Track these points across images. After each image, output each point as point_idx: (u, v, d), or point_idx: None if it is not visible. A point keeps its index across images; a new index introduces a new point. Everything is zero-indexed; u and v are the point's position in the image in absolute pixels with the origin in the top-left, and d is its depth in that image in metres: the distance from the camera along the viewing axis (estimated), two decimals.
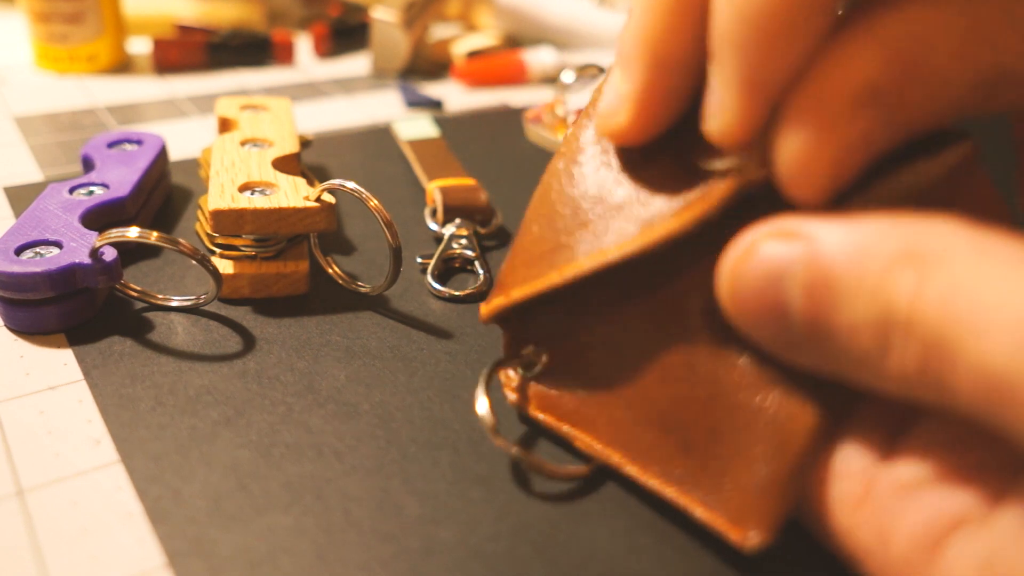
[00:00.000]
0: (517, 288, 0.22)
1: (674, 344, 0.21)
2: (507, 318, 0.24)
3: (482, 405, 0.22)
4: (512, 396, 0.24)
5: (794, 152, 0.17)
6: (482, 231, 0.33)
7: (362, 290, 0.29)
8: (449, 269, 0.32)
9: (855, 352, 0.17)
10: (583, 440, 0.22)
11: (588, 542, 0.20)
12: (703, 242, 0.20)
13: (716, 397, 0.20)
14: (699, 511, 0.20)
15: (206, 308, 0.28)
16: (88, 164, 0.33)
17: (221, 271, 0.27)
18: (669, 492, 0.20)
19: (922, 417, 0.18)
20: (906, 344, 0.16)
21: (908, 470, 0.17)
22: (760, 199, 0.19)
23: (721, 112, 0.18)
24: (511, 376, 0.24)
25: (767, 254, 0.17)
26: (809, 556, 0.20)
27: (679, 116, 0.20)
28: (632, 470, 0.21)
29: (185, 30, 0.54)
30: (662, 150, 0.21)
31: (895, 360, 0.16)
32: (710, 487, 0.19)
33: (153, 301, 0.28)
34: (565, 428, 0.22)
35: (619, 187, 0.21)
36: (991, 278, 0.15)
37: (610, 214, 0.21)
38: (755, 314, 0.18)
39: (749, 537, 0.18)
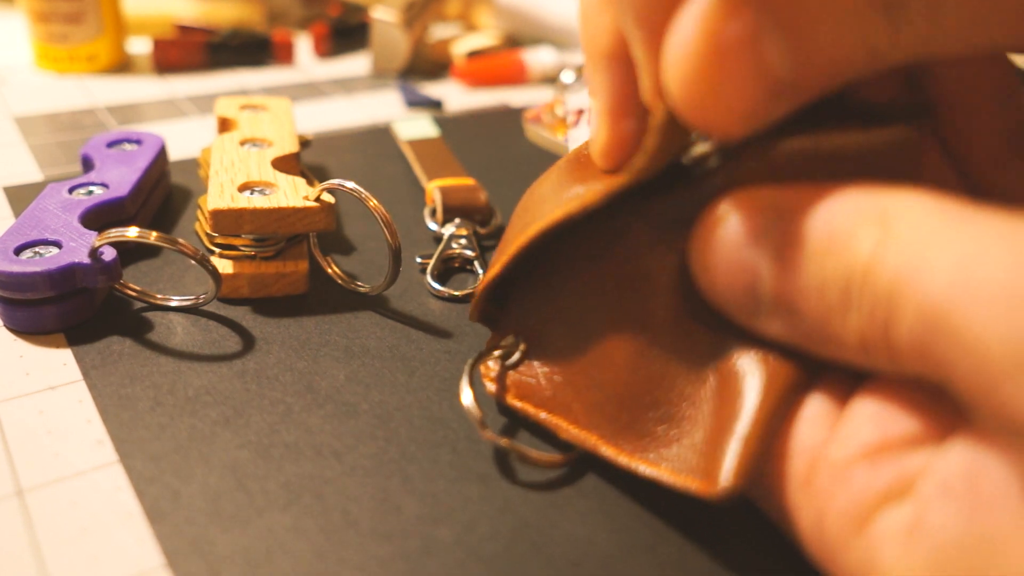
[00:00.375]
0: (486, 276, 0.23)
1: (640, 324, 0.21)
2: (487, 311, 0.24)
3: (467, 397, 0.22)
4: (491, 386, 0.24)
5: (674, 55, 0.16)
6: (481, 231, 0.34)
7: (361, 290, 0.29)
8: (449, 269, 0.32)
9: (821, 314, 0.17)
10: (560, 426, 0.22)
11: (586, 541, 0.20)
12: (663, 219, 0.20)
13: (684, 370, 0.20)
14: (671, 478, 0.19)
15: (205, 308, 0.28)
16: (88, 164, 0.33)
17: (220, 271, 0.27)
18: (641, 467, 0.20)
19: (857, 393, 0.18)
20: (862, 297, 0.16)
21: (839, 450, 0.18)
22: (720, 171, 0.20)
23: (642, 76, 0.18)
24: (490, 367, 0.24)
25: (739, 221, 0.18)
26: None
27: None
28: (607, 451, 0.21)
29: (185, 30, 0.54)
30: None
31: (853, 318, 0.16)
32: (681, 455, 0.20)
33: (152, 301, 0.28)
34: (542, 415, 0.23)
35: (581, 171, 0.22)
36: (944, 231, 0.15)
37: (566, 190, 0.22)
38: (726, 282, 0.18)
39: (719, 483, 0.18)
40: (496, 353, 0.24)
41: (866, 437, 0.17)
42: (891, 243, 0.16)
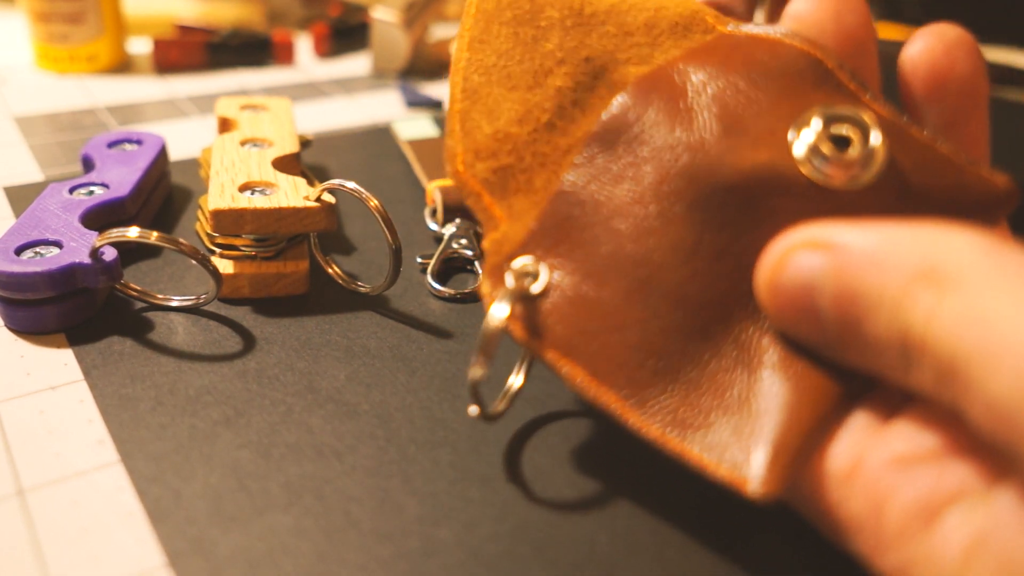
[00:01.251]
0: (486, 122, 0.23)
1: (679, 294, 0.20)
2: (484, 178, 0.22)
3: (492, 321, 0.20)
4: (503, 319, 0.20)
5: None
6: (482, 231, 0.34)
7: (362, 290, 0.29)
8: (449, 269, 0.32)
9: (882, 361, 0.17)
10: (576, 377, 0.20)
11: (587, 542, 0.20)
12: (717, 193, 0.20)
13: (720, 354, 0.20)
14: (699, 459, 0.19)
15: (206, 308, 0.28)
16: (88, 164, 0.33)
17: (221, 271, 0.27)
18: (669, 442, 0.19)
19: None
20: (922, 363, 0.16)
21: (905, 444, 0.18)
22: (792, 192, 0.20)
23: None
24: (502, 294, 0.20)
25: (798, 265, 0.18)
26: (810, 560, 0.20)
27: None
28: (631, 419, 0.20)
29: (185, 30, 0.54)
30: None
31: (915, 375, 0.17)
32: (712, 443, 0.19)
33: (153, 301, 0.28)
34: (559, 362, 0.20)
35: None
36: (1003, 305, 0.15)
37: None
38: (792, 318, 0.19)
39: (753, 486, 0.18)
40: (512, 280, 0.21)
41: (937, 435, 0.17)
42: (945, 310, 0.16)
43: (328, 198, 0.28)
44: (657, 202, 0.21)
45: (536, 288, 0.21)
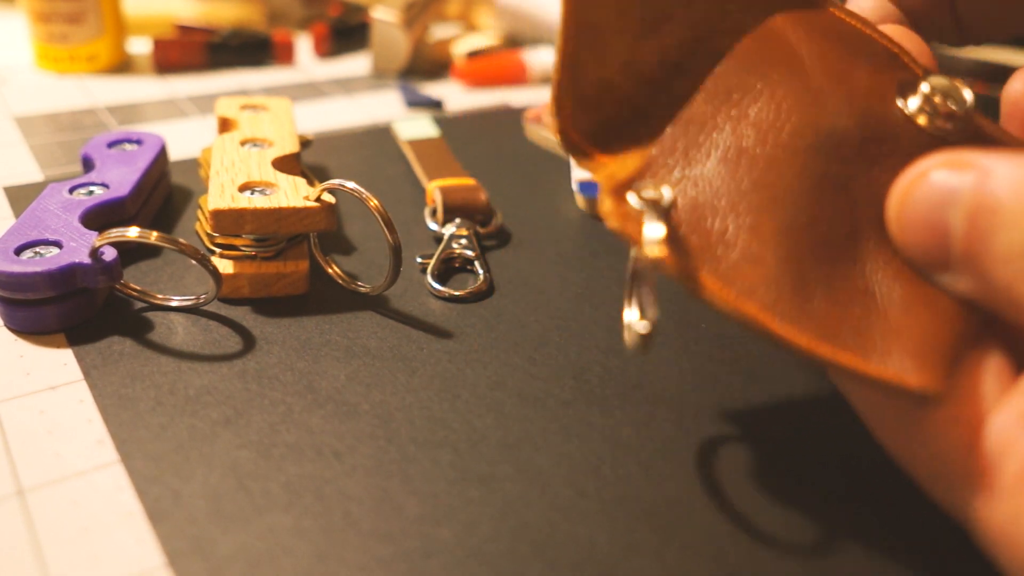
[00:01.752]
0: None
1: (833, 226, 0.21)
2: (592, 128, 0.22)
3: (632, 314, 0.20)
4: (627, 230, 0.19)
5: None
6: (482, 231, 0.34)
7: (362, 290, 0.29)
8: (449, 269, 0.32)
9: (1006, 281, 0.18)
10: (708, 289, 0.19)
11: (587, 542, 0.20)
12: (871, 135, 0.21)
13: (866, 285, 0.20)
14: (854, 362, 0.19)
15: (206, 308, 0.28)
16: (88, 164, 0.33)
17: (221, 271, 0.27)
18: (818, 348, 0.19)
19: None
20: None
21: None
22: (906, 138, 0.21)
23: None
24: (631, 212, 0.20)
25: (937, 179, 0.19)
26: (810, 562, 0.20)
27: None
28: (778, 329, 0.19)
29: (185, 30, 0.54)
30: None
31: None
32: (865, 344, 0.19)
33: (153, 301, 0.28)
34: (696, 282, 0.20)
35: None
36: None
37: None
38: (919, 235, 0.19)
39: (917, 381, 0.18)
40: (637, 199, 0.20)
41: None
42: None
43: (328, 198, 0.28)
44: (780, 139, 0.21)
45: (666, 203, 0.20)
